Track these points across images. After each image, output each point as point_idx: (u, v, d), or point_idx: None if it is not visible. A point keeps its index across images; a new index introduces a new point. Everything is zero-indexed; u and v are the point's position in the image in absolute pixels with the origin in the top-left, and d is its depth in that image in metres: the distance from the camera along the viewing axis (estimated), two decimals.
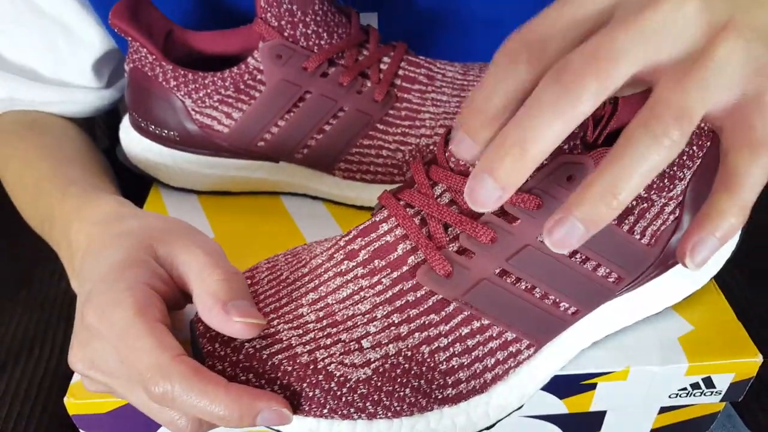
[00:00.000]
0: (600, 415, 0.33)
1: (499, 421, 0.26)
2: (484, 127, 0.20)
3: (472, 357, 0.25)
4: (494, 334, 0.25)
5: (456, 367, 0.25)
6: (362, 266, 0.26)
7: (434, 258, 0.25)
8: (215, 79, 0.36)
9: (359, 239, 0.26)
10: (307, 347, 0.24)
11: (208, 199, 0.40)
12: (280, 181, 0.39)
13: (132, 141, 0.40)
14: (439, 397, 0.25)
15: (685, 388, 0.30)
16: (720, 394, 0.31)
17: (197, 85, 0.36)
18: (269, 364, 0.24)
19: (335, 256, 0.27)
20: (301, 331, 0.25)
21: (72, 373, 0.30)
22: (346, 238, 0.27)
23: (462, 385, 0.25)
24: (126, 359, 0.23)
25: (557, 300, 0.26)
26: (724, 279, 0.44)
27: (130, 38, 0.36)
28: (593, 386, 0.30)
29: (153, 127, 0.38)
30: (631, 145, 0.18)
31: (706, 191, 0.29)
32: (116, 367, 0.24)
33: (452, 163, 0.25)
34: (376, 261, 0.26)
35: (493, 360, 0.25)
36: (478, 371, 0.25)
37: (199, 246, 0.26)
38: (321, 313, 0.25)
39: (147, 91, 0.37)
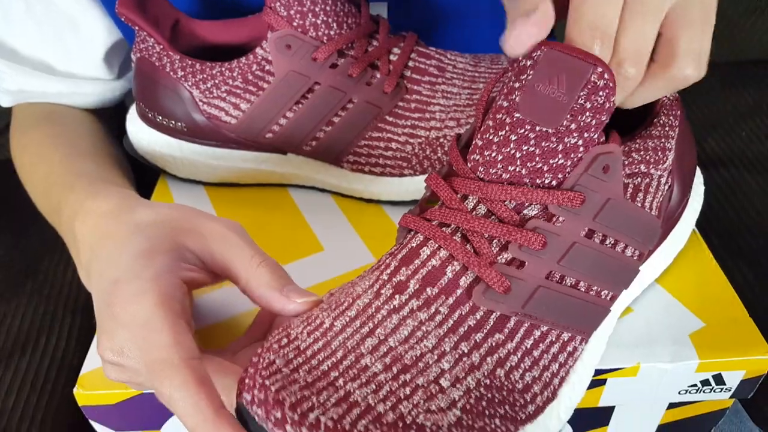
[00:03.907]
0: (608, 411, 0.33)
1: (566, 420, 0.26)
2: None
3: (541, 367, 0.25)
4: (554, 338, 0.25)
5: (530, 382, 0.24)
6: (415, 297, 0.24)
7: (489, 276, 0.23)
8: (223, 69, 0.35)
9: (404, 269, 0.25)
10: (388, 403, 0.22)
11: (215, 191, 0.40)
12: (288, 174, 0.39)
13: (139, 131, 0.40)
14: (523, 417, 0.24)
15: (695, 385, 0.30)
16: (730, 390, 0.31)
17: (205, 76, 0.36)
18: None
19: (383, 291, 0.24)
20: (373, 386, 0.22)
21: (79, 363, 0.30)
22: (388, 271, 0.25)
23: (538, 398, 0.24)
24: (140, 349, 0.23)
25: (599, 290, 0.26)
26: (734, 276, 0.43)
27: (136, 27, 0.36)
28: (603, 382, 0.30)
29: (160, 117, 0.38)
30: None
31: (685, 156, 0.30)
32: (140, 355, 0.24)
33: (480, 173, 0.24)
34: (428, 289, 0.24)
35: (557, 364, 0.25)
36: (547, 380, 0.25)
37: (228, 229, 0.27)
38: (387, 360, 0.23)
39: (154, 82, 0.37)
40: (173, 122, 0.38)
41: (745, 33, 0.62)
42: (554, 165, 0.24)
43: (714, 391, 0.31)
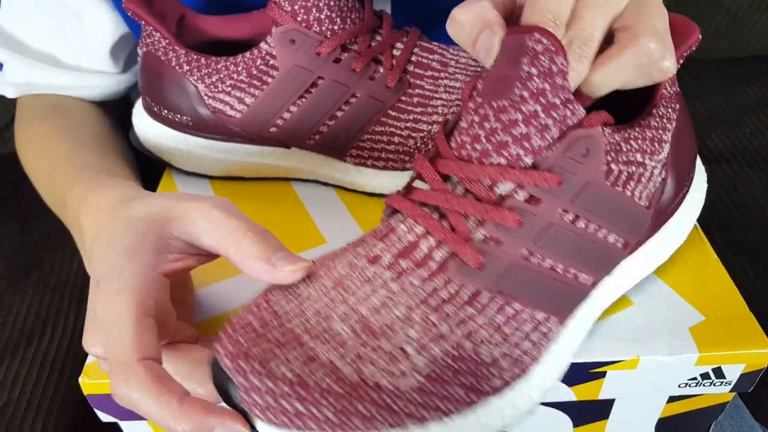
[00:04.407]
0: (608, 404, 0.33)
1: (539, 401, 0.26)
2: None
3: (511, 344, 0.25)
4: (527, 317, 0.25)
5: (498, 356, 0.25)
6: (389, 269, 0.25)
7: (464, 251, 0.24)
8: (228, 64, 0.36)
9: (380, 243, 0.26)
10: (352, 365, 0.23)
11: (220, 185, 0.40)
12: (292, 167, 0.39)
13: (145, 125, 0.40)
14: (488, 390, 0.24)
15: (694, 378, 0.31)
16: (730, 384, 0.31)
17: (210, 70, 0.36)
18: (317, 391, 0.22)
19: (357, 263, 0.25)
20: (341, 349, 0.23)
21: (84, 354, 0.30)
22: (366, 245, 0.26)
23: (506, 374, 0.25)
24: (107, 348, 0.23)
25: (577, 273, 0.26)
26: (736, 271, 0.44)
27: (143, 22, 0.36)
28: (602, 374, 0.30)
29: (166, 111, 0.38)
30: None
31: (683, 150, 0.31)
32: None
33: (456, 152, 0.25)
34: (401, 262, 0.25)
35: (529, 343, 0.25)
36: (517, 357, 0.25)
37: (213, 206, 0.26)
38: (357, 326, 0.24)
39: (160, 76, 0.37)
40: (179, 116, 0.38)
41: (748, 29, 0.62)
42: (518, 135, 0.24)
43: (714, 384, 0.31)
